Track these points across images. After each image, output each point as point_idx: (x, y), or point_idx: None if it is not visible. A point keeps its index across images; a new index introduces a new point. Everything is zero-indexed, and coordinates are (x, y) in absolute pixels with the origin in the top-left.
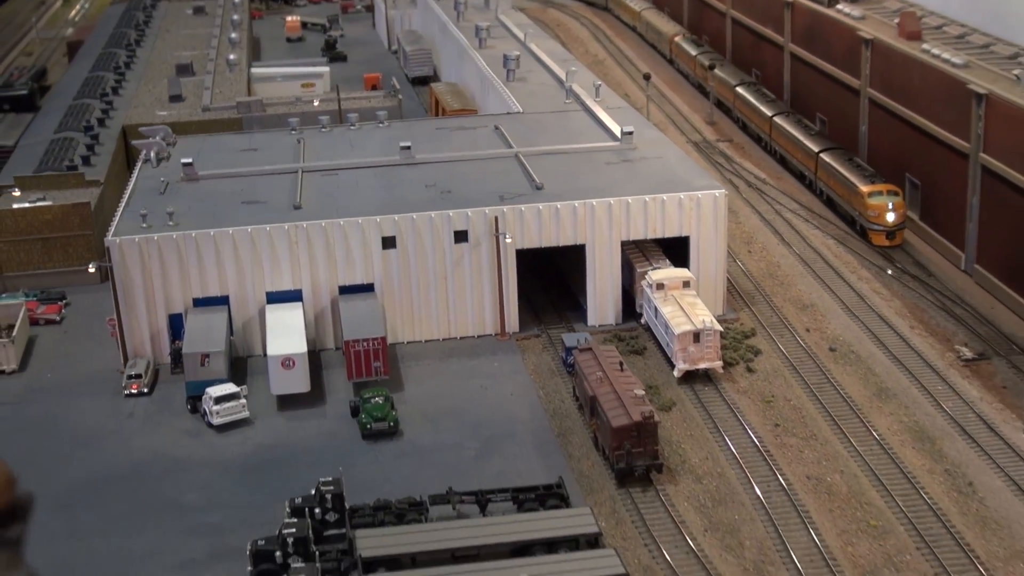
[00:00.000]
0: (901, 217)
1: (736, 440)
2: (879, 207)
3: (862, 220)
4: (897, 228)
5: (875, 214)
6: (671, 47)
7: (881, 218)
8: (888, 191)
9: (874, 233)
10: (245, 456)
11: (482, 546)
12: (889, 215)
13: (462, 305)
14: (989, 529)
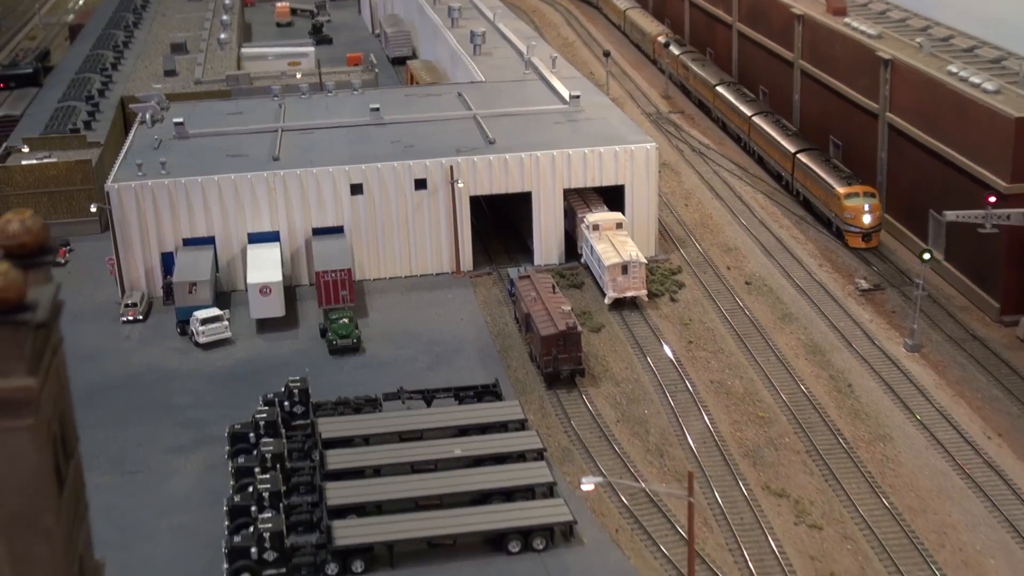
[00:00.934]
0: (877, 219)
1: (653, 354)
2: (855, 209)
3: (838, 222)
4: (873, 230)
5: (851, 216)
6: (654, 46)
7: (857, 220)
8: (864, 192)
9: (850, 235)
10: (227, 368)
11: (425, 430)
12: (865, 217)
13: (421, 245)
14: (859, 419)
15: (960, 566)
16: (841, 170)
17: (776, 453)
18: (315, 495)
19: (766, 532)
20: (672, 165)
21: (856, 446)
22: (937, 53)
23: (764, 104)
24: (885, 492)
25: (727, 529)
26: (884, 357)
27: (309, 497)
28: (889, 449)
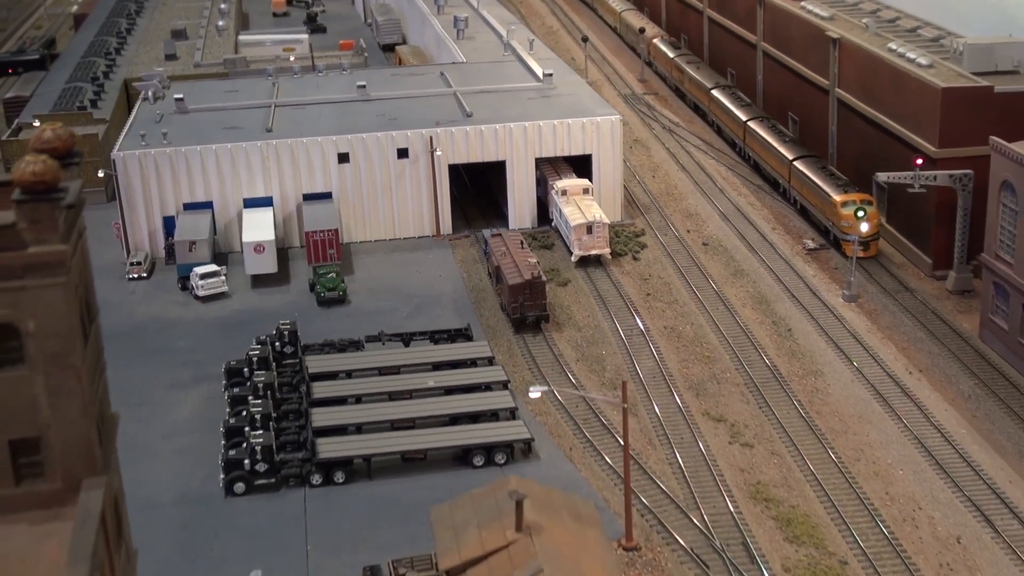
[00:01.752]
0: (875, 227)
1: (613, 304)
2: (852, 217)
3: (835, 230)
4: (871, 239)
5: (848, 224)
6: (649, 48)
7: (855, 228)
8: (862, 201)
9: (847, 244)
10: (223, 317)
11: (402, 365)
12: (863, 225)
13: (404, 210)
14: (795, 358)
15: (872, 476)
16: (838, 177)
17: (717, 386)
18: (302, 420)
19: (702, 449)
20: (643, 141)
21: (790, 380)
22: (882, 33)
23: (760, 109)
24: (812, 417)
25: (668, 447)
26: (823, 306)
27: (297, 421)
28: (819, 382)
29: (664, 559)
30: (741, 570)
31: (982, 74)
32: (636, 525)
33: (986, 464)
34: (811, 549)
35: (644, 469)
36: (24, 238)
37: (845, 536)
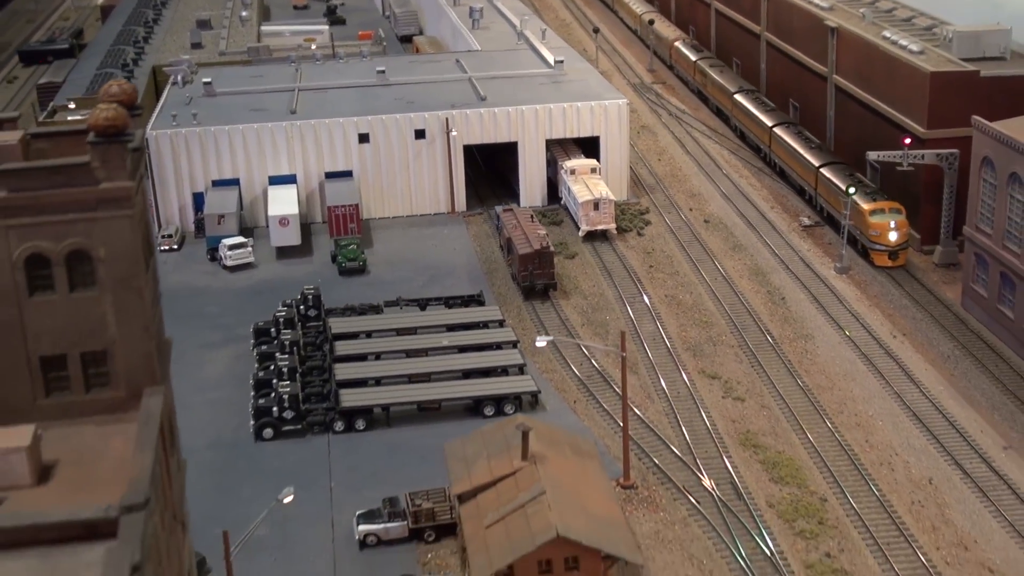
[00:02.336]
0: (904, 236)
1: (618, 275)
2: (881, 226)
3: (863, 239)
4: (900, 248)
5: (877, 233)
6: (671, 51)
7: (883, 237)
8: (891, 209)
9: (876, 253)
10: (250, 286)
11: (419, 327)
12: (892, 234)
13: (420, 188)
14: (787, 323)
15: (853, 426)
16: (866, 185)
17: (714, 348)
18: (325, 374)
19: (697, 403)
20: (650, 127)
21: (781, 342)
22: (877, 22)
23: (786, 115)
24: (800, 375)
25: (665, 401)
26: (816, 277)
27: (321, 375)
28: (809, 345)
29: (659, 496)
30: (729, 505)
31: (970, 60)
32: (633, 467)
33: (960, 416)
34: (794, 488)
35: (642, 419)
36: (96, 175)
37: (826, 477)
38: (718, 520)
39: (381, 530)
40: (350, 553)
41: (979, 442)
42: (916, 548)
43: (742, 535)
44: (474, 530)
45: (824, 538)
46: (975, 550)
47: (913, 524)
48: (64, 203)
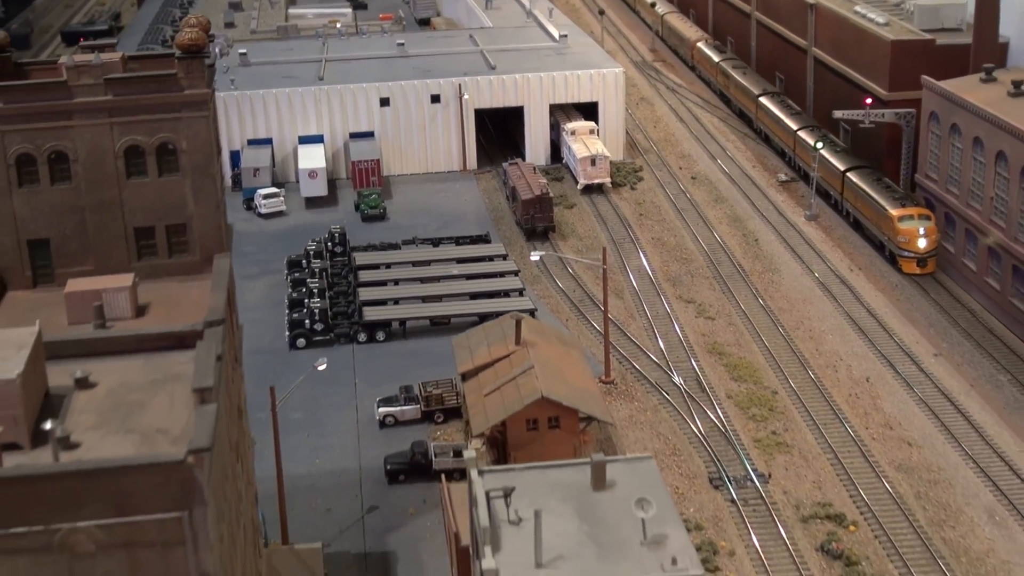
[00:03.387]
0: (933, 243)
1: (610, 221)
2: (910, 232)
3: (891, 246)
4: (929, 255)
5: (905, 240)
6: (692, 52)
7: (912, 244)
8: (920, 215)
9: (904, 260)
10: (283, 231)
11: (432, 260)
12: (921, 241)
13: (435, 147)
14: (757, 259)
15: (807, 339)
16: (894, 190)
17: (691, 279)
18: (350, 296)
19: (673, 321)
20: (648, 99)
21: (751, 274)
22: None
23: (810, 118)
24: (765, 300)
25: (645, 319)
26: (787, 223)
27: (346, 297)
28: (775, 276)
29: (634, 390)
30: (694, 396)
31: (930, 31)
32: (614, 369)
33: (899, 331)
34: (750, 385)
35: (624, 331)
36: (181, 84)
37: (778, 376)
38: (683, 407)
39: (398, 412)
40: (371, 431)
41: (913, 350)
42: (849, 427)
43: (703, 418)
44: (475, 399)
45: (772, 421)
46: (898, 429)
47: (848, 411)
48: (156, 105)
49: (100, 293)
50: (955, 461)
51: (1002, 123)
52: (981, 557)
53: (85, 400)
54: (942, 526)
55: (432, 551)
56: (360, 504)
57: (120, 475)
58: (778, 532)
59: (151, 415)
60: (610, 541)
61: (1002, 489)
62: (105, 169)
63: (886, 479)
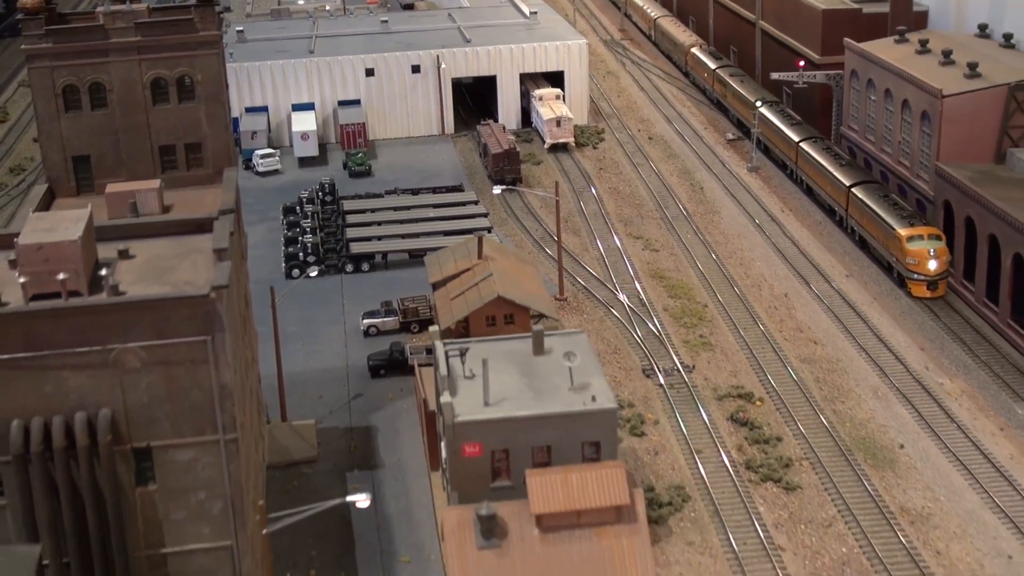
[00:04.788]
0: (944, 265)
1: (572, 174)
2: (920, 254)
3: (899, 267)
4: (939, 277)
5: (915, 262)
6: (687, 58)
7: (922, 266)
8: (930, 235)
9: (914, 284)
10: (278, 186)
11: (411, 206)
12: (931, 263)
13: (416, 114)
14: (700, 204)
15: (738, 265)
16: (902, 208)
17: (641, 220)
18: (339, 235)
19: (622, 252)
20: (615, 72)
21: (694, 216)
22: None
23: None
24: (704, 236)
25: (598, 251)
26: (730, 174)
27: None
28: (715, 217)
29: (584, 306)
30: (636, 310)
31: (859, 1)
32: (567, 289)
33: (818, 258)
34: (684, 301)
35: (578, 261)
36: (196, 27)
37: (709, 294)
38: (625, 318)
39: (379, 323)
40: (357, 339)
41: (828, 272)
42: (765, 331)
43: (641, 326)
44: (443, 303)
45: (700, 327)
46: (807, 332)
47: (767, 319)
48: (176, 45)
49: (134, 193)
50: (852, 354)
51: (906, 75)
52: (863, 422)
53: (127, 266)
54: (834, 401)
55: (406, 425)
56: (347, 392)
57: (159, 307)
58: (696, 407)
59: (179, 274)
60: (544, 388)
61: (887, 374)
62: (135, 97)
63: (791, 368)
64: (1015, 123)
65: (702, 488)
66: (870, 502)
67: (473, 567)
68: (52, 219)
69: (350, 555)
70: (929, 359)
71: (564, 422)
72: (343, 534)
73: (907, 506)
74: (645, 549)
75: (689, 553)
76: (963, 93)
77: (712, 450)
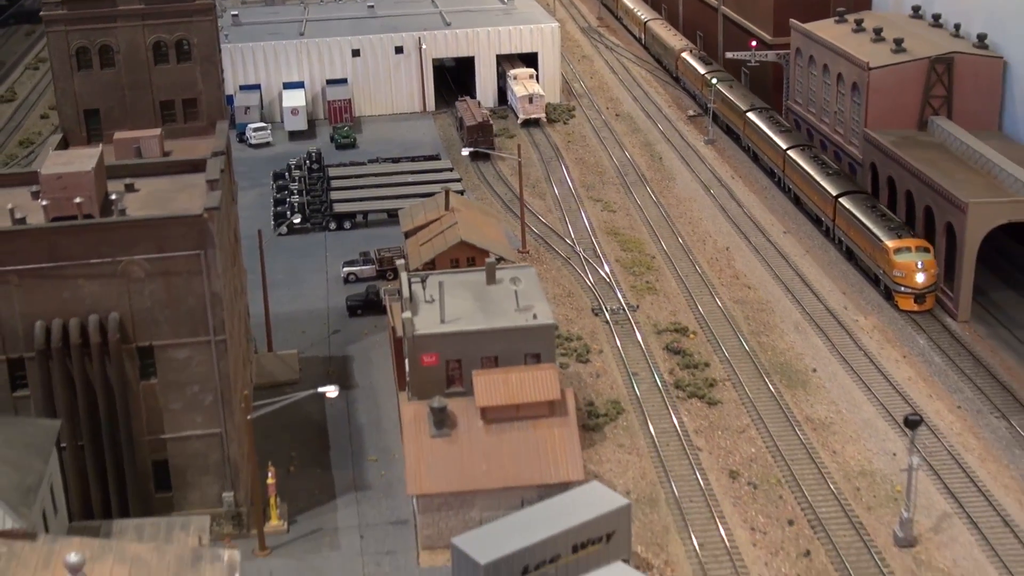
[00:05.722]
0: (932, 277)
1: (542, 147)
2: (907, 266)
3: (886, 280)
4: (927, 290)
5: (901, 274)
6: (677, 63)
7: (909, 279)
8: (917, 247)
9: (901, 296)
10: (269, 157)
11: (392, 172)
12: (918, 275)
13: (399, 92)
14: (659, 173)
15: (686, 224)
16: (890, 219)
17: (602, 185)
18: (324, 196)
19: (583, 213)
20: (589, 56)
21: (652, 182)
22: None
23: (801, 137)
24: (659, 199)
25: (560, 212)
26: (688, 147)
27: (320, 197)
28: (671, 183)
29: (544, 257)
30: (590, 261)
31: None
32: (529, 243)
33: (761, 218)
34: (635, 253)
35: (540, 219)
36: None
37: (658, 248)
38: (580, 267)
39: (358, 270)
40: (337, 286)
41: (767, 229)
42: (704, 278)
43: (594, 274)
44: (413, 248)
45: (647, 275)
46: (743, 279)
47: (707, 268)
48: (175, 12)
49: (138, 139)
50: (779, 296)
51: (840, 51)
52: (783, 351)
53: (132, 197)
54: (759, 334)
55: (379, 355)
56: (327, 328)
57: (160, 225)
58: (637, 339)
59: (178, 203)
60: (494, 309)
61: (809, 312)
62: (138, 58)
63: (725, 308)
64: (935, 93)
65: (635, 403)
66: (780, 413)
67: (427, 452)
68: (68, 155)
69: (326, 455)
70: (849, 301)
71: (509, 335)
72: (320, 440)
73: (812, 416)
74: (573, 438)
75: (619, 453)
76: (888, 66)
77: (647, 373)
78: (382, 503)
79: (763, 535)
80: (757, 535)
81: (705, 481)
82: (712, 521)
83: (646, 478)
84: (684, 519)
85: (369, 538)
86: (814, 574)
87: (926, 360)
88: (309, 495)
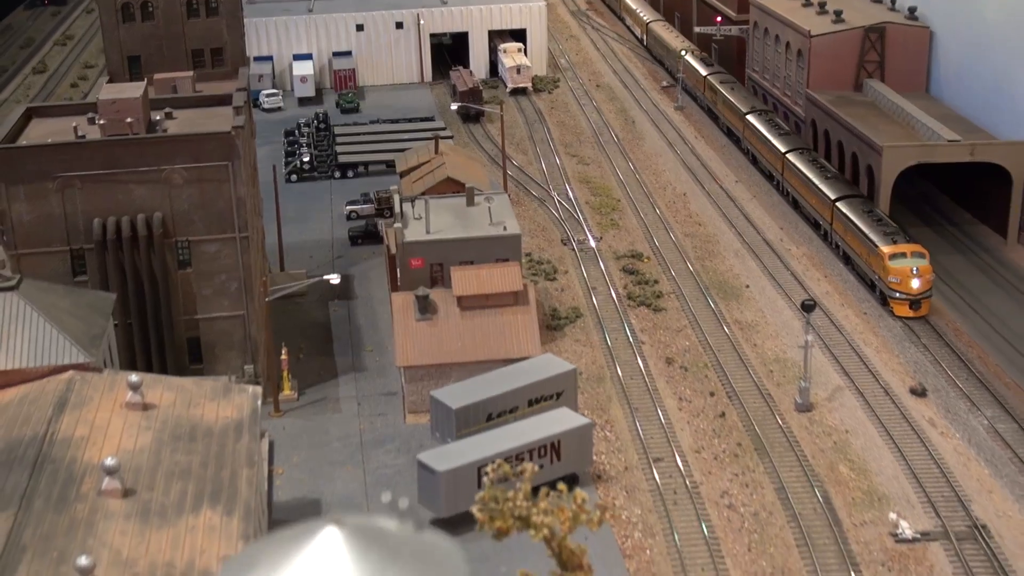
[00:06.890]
0: (927, 283)
1: (528, 112)
2: (901, 272)
3: (881, 285)
4: (922, 296)
5: (897, 280)
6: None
7: (904, 285)
8: (913, 253)
9: (896, 303)
10: (280, 120)
11: (390, 131)
12: (914, 281)
13: (399, 63)
14: (630, 133)
15: (651, 175)
16: (886, 224)
17: (579, 144)
18: (330, 150)
19: (560, 167)
20: (576, 36)
21: (624, 142)
22: None
23: (800, 139)
24: (628, 155)
25: (540, 165)
26: (659, 112)
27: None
28: (640, 142)
29: (522, 200)
30: (563, 202)
31: None
32: (510, 190)
33: (717, 170)
34: (603, 197)
35: (522, 170)
36: None
37: (624, 193)
38: (554, 208)
39: (359, 208)
40: (341, 221)
41: (722, 178)
42: (662, 217)
43: (564, 212)
44: (407, 185)
45: (612, 214)
46: (695, 218)
47: (665, 209)
48: None
49: (175, 79)
50: (724, 230)
51: (787, 21)
52: (722, 272)
53: (171, 122)
54: (703, 259)
55: (376, 275)
56: (332, 254)
57: (196, 140)
58: (598, 263)
59: (210, 126)
60: (470, 224)
61: (748, 242)
62: (174, 13)
63: (677, 240)
64: (869, 59)
65: (592, 311)
66: (713, 317)
67: (413, 333)
68: (119, 87)
69: (330, 346)
70: (784, 234)
71: (482, 243)
72: (325, 335)
73: (740, 319)
74: (533, 322)
75: (576, 347)
76: (828, 34)
77: (604, 288)
78: (376, 380)
79: (688, 403)
80: (683, 403)
81: (644, 365)
82: (647, 393)
83: (596, 363)
84: (625, 392)
85: (365, 405)
86: (727, 429)
87: (843, 278)
88: (316, 374)
